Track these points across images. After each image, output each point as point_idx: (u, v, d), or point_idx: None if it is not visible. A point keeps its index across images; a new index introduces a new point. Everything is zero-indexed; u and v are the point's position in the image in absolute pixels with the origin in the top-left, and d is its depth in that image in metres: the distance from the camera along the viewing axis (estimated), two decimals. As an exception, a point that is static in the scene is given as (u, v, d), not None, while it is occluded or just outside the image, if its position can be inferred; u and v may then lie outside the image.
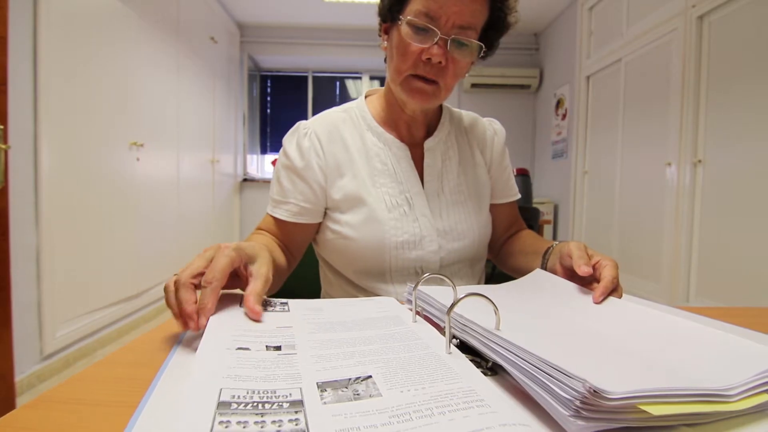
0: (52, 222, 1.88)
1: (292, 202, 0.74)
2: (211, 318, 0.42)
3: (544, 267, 0.66)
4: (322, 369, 0.33)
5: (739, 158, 2.17)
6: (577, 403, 0.27)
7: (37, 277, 1.83)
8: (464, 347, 0.41)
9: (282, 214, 0.74)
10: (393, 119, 0.78)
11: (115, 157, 2.35)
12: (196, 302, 0.43)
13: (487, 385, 0.32)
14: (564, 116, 4.08)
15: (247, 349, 0.36)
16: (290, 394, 0.29)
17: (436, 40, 0.64)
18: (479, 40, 0.68)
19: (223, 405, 0.27)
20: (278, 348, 0.37)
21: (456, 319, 0.43)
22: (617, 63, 3.26)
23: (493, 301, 0.39)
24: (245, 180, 4.65)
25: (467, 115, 0.86)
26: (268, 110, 5.11)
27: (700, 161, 2.43)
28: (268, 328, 0.42)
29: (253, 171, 4.92)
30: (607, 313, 0.47)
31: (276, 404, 0.27)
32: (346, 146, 0.75)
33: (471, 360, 0.39)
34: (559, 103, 4.21)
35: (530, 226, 2.35)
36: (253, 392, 0.29)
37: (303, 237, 0.77)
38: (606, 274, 0.52)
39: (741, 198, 2.16)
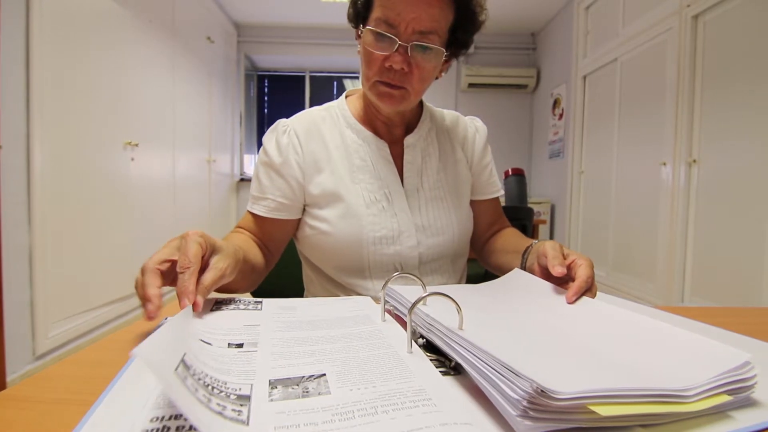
0: (45, 222, 1.88)
1: (270, 198, 0.74)
2: (179, 313, 0.42)
3: (523, 266, 0.66)
4: (278, 367, 0.33)
5: (734, 158, 2.17)
6: (525, 403, 0.26)
7: (29, 276, 1.83)
8: (432, 346, 0.41)
9: (260, 210, 0.74)
10: (371, 119, 0.78)
11: (109, 157, 2.35)
12: (160, 287, 0.43)
13: (441, 384, 0.32)
14: (561, 116, 4.08)
15: (208, 344, 0.36)
16: (240, 389, 0.29)
17: (396, 47, 0.64)
18: (449, 41, 0.69)
19: (184, 365, 0.27)
20: (240, 345, 0.37)
21: (423, 318, 0.43)
22: (613, 63, 3.26)
23: (458, 301, 0.39)
24: (242, 180, 4.65)
25: (449, 113, 0.86)
26: (266, 110, 5.11)
27: (695, 161, 2.43)
28: (234, 326, 0.42)
29: (250, 171, 4.92)
30: (578, 312, 0.47)
31: (224, 393, 0.27)
32: (324, 143, 0.76)
33: (435, 359, 0.39)
34: (555, 103, 4.20)
35: (524, 226, 2.36)
36: (206, 376, 0.29)
37: (281, 233, 0.77)
38: (580, 274, 0.52)
39: (735, 198, 2.15)
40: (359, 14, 0.70)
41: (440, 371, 0.37)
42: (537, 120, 4.67)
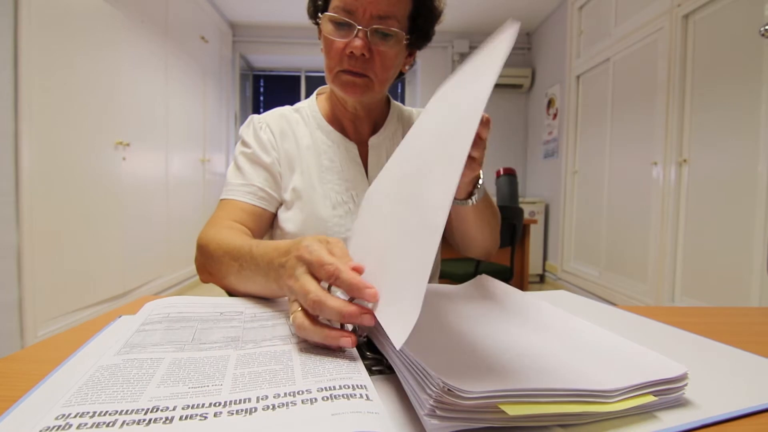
0: (34, 221, 1.88)
1: (257, 185, 0.72)
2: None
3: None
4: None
5: (723, 157, 2.17)
6: (431, 401, 0.26)
7: (18, 275, 1.83)
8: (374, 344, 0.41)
9: (244, 196, 0.71)
10: (339, 117, 0.79)
11: (99, 157, 2.35)
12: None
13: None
14: (555, 116, 4.08)
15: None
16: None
17: (355, 32, 0.65)
18: (410, 29, 0.69)
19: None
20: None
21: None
22: (606, 62, 3.26)
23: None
24: (238, 179, 4.65)
25: (418, 112, 0.86)
26: (261, 110, 5.11)
27: (685, 161, 2.43)
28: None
29: (245, 170, 4.92)
30: (529, 317, 0.47)
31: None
32: (297, 142, 0.76)
33: (374, 357, 0.39)
34: (550, 103, 4.20)
35: (513, 226, 2.34)
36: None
37: (260, 226, 0.74)
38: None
39: (725, 197, 2.15)
40: (318, 7, 0.70)
41: (377, 369, 0.37)
42: (532, 120, 4.67)
